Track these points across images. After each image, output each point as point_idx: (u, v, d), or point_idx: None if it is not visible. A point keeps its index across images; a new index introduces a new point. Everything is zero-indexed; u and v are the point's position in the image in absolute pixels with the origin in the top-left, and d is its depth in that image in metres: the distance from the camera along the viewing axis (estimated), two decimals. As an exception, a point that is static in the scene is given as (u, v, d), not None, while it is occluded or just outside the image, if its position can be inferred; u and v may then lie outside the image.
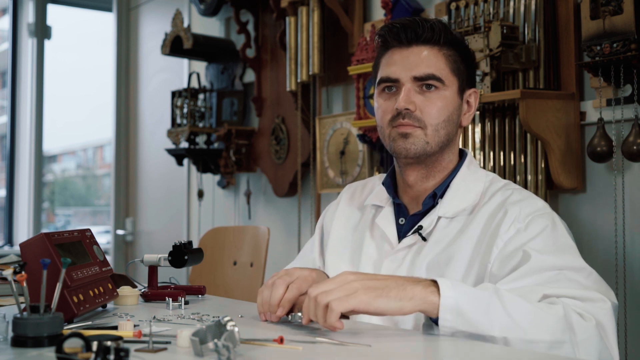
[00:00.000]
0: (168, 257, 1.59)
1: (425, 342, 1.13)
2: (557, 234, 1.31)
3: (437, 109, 1.39)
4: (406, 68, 1.40)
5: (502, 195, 1.38)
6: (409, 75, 1.39)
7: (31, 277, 1.13)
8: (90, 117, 7.26)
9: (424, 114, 1.38)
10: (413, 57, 1.40)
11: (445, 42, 1.41)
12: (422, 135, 1.39)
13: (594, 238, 2.07)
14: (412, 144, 1.39)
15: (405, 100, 1.38)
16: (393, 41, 1.43)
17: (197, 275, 2.64)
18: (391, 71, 1.41)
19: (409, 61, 1.40)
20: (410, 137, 1.39)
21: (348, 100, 2.97)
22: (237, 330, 0.94)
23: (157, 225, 4.39)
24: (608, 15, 1.84)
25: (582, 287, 1.22)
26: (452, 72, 1.41)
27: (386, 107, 1.42)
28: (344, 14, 2.84)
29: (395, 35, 1.42)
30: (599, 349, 1.16)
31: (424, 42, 1.40)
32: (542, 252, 1.26)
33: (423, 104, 1.39)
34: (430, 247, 1.37)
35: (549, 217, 1.33)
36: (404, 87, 1.39)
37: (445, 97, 1.40)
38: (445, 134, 1.41)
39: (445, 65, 1.40)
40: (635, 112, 1.89)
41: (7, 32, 4.83)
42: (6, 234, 4.76)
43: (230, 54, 3.61)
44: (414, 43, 1.41)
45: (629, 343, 1.93)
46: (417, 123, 1.38)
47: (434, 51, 1.40)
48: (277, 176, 3.29)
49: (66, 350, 0.91)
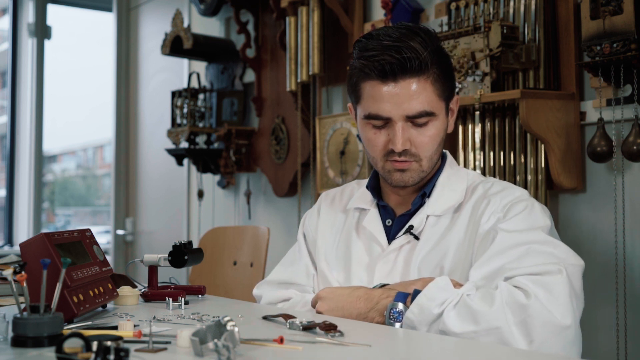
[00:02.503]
0: (168, 257, 1.59)
1: (425, 342, 1.13)
2: (531, 217, 1.34)
3: (430, 140, 1.38)
4: (397, 106, 1.34)
5: (482, 188, 1.42)
6: (402, 114, 1.35)
7: (31, 277, 1.13)
8: (90, 117, 7.27)
9: (418, 148, 1.38)
10: (403, 94, 1.34)
11: (431, 65, 1.35)
12: (417, 168, 1.40)
13: (593, 238, 2.07)
14: (410, 177, 1.40)
15: (402, 143, 1.36)
16: (375, 75, 1.35)
17: (197, 275, 2.64)
18: (381, 109, 1.36)
19: (399, 98, 1.34)
20: (407, 171, 1.40)
21: (348, 100, 2.96)
22: (237, 330, 0.94)
23: (157, 225, 4.39)
24: (608, 15, 1.84)
25: (547, 260, 1.25)
26: (439, 97, 1.38)
27: (377, 141, 1.39)
28: (344, 14, 2.84)
29: (379, 71, 1.34)
30: (542, 322, 1.18)
31: (410, 75, 1.33)
32: (511, 231, 1.30)
33: (417, 139, 1.37)
34: (422, 246, 1.39)
35: (526, 203, 1.36)
36: (396, 125, 1.36)
37: (436, 126, 1.39)
38: (438, 156, 1.44)
39: (433, 93, 1.36)
40: (635, 112, 1.89)
41: (7, 32, 4.83)
42: (6, 234, 4.76)
43: (230, 54, 3.61)
44: (399, 77, 1.33)
45: (629, 343, 1.93)
46: (412, 158, 1.39)
47: (421, 82, 1.34)
48: (277, 176, 3.29)
49: (66, 350, 0.91)
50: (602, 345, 2.04)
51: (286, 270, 1.58)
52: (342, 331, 1.11)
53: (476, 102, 2.08)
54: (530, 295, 1.19)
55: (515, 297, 1.19)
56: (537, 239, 1.29)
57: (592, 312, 2.07)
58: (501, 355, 1.03)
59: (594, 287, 2.07)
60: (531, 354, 1.07)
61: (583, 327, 1.16)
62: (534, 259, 1.26)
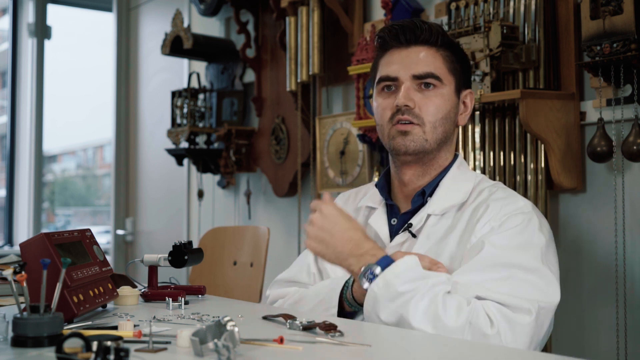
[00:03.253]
0: (168, 257, 1.59)
1: (425, 342, 1.13)
2: (526, 232, 1.32)
3: (435, 106, 1.42)
4: (405, 67, 1.43)
5: (488, 192, 1.41)
6: (408, 73, 1.43)
7: (31, 277, 1.13)
8: (90, 117, 7.26)
9: (422, 111, 1.42)
10: (412, 57, 1.44)
11: (443, 44, 1.46)
12: (420, 133, 1.42)
13: (594, 238, 2.07)
14: (412, 141, 1.41)
15: (404, 97, 1.41)
16: (392, 42, 1.47)
17: (197, 275, 2.64)
18: (390, 70, 1.45)
19: (408, 60, 1.44)
20: (409, 134, 1.41)
21: (348, 100, 2.97)
22: (237, 330, 0.94)
23: (157, 225, 4.39)
24: (608, 15, 1.84)
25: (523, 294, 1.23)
26: (450, 71, 1.45)
27: (385, 105, 1.45)
28: (344, 14, 2.84)
29: (394, 36, 1.46)
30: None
31: (422, 43, 1.45)
32: (500, 247, 1.28)
33: (422, 102, 1.42)
34: (421, 244, 1.40)
35: (524, 217, 1.34)
36: (403, 85, 1.43)
37: (443, 95, 1.43)
38: (443, 132, 1.44)
39: (443, 64, 1.45)
40: (635, 112, 1.89)
41: (7, 32, 4.83)
42: (6, 234, 4.76)
43: (230, 54, 3.61)
44: (412, 43, 1.45)
45: (629, 343, 1.93)
46: (415, 120, 1.41)
47: (431, 51, 1.45)
48: (277, 176, 3.29)
49: (66, 350, 0.91)
50: (602, 345, 2.04)
51: (292, 270, 1.61)
52: (342, 331, 1.11)
53: (476, 102, 2.08)
54: (495, 326, 1.19)
55: (481, 323, 1.19)
56: (523, 263, 1.26)
57: (592, 312, 2.07)
58: (501, 356, 1.03)
59: (594, 287, 2.07)
60: (531, 354, 1.07)
61: (583, 327, 1.16)
62: (512, 287, 1.24)
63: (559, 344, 2.13)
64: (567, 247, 2.13)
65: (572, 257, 2.12)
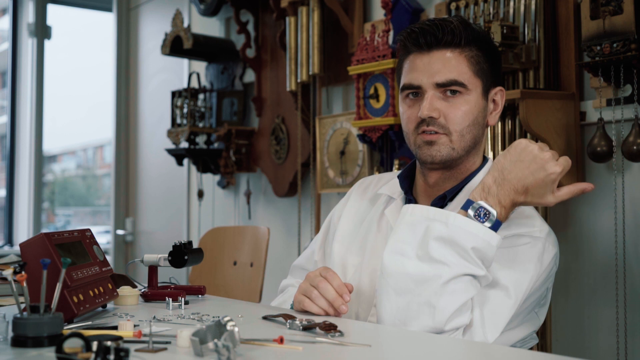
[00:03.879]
0: (168, 257, 1.59)
1: (425, 342, 1.13)
2: (521, 256, 1.30)
3: (461, 114, 1.37)
4: (428, 74, 1.37)
5: None
6: (431, 82, 1.37)
7: (31, 277, 1.13)
8: (90, 117, 7.26)
9: (448, 120, 1.37)
10: (434, 63, 1.38)
11: (467, 43, 1.38)
12: (447, 142, 1.38)
13: (594, 238, 2.07)
14: (438, 151, 1.38)
15: (428, 108, 1.36)
16: (412, 46, 1.41)
17: (197, 275, 2.64)
18: (413, 78, 1.39)
19: (431, 67, 1.38)
20: (436, 144, 1.38)
21: (348, 100, 2.97)
22: (237, 330, 0.94)
23: (157, 225, 4.39)
24: (608, 15, 1.84)
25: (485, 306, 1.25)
26: (475, 74, 1.39)
27: (410, 114, 1.41)
28: (344, 14, 2.84)
29: (414, 40, 1.40)
30: None
31: (444, 46, 1.38)
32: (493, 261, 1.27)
33: (447, 110, 1.37)
34: None
35: (530, 241, 1.32)
36: (426, 94, 1.37)
37: (469, 101, 1.38)
38: (472, 138, 1.40)
39: (468, 68, 1.38)
40: (635, 112, 1.89)
41: (7, 32, 4.83)
42: (6, 234, 4.76)
43: (230, 54, 3.61)
44: (434, 47, 1.38)
45: (629, 343, 1.93)
46: (441, 130, 1.37)
47: (455, 54, 1.38)
48: (277, 176, 3.29)
49: (66, 350, 0.91)
50: (602, 345, 2.04)
51: (303, 256, 1.66)
52: (342, 331, 1.11)
53: (476, 102, 2.08)
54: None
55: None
56: (499, 279, 1.27)
57: (592, 312, 2.07)
58: (501, 356, 1.03)
59: (594, 287, 2.07)
60: (531, 354, 1.07)
61: (583, 327, 1.16)
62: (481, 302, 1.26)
63: (559, 344, 2.13)
64: (567, 247, 2.13)
65: (572, 257, 2.12)
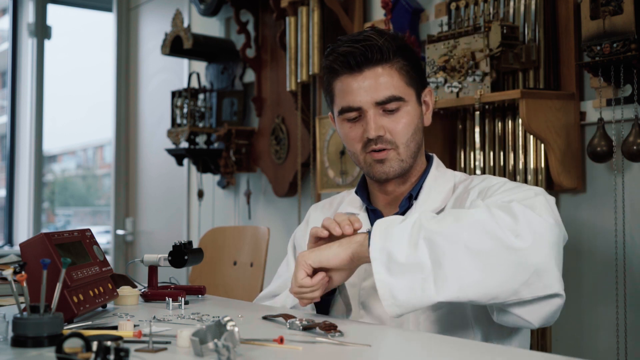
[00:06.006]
0: (168, 257, 1.59)
1: (425, 342, 1.13)
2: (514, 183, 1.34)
3: (403, 127, 1.41)
4: (365, 94, 1.39)
5: (463, 185, 1.44)
6: (371, 101, 1.39)
7: (31, 277, 1.13)
8: (90, 117, 7.26)
9: (393, 134, 1.41)
10: (369, 82, 1.39)
11: (394, 55, 1.41)
12: (395, 156, 1.42)
13: (594, 238, 2.07)
14: (390, 167, 1.42)
15: (375, 128, 1.39)
16: (342, 68, 1.41)
17: (197, 275, 2.64)
18: (351, 100, 1.41)
19: (366, 87, 1.39)
20: (387, 161, 1.42)
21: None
22: (237, 330, 0.94)
23: (157, 225, 4.39)
24: (608, 15, 1.84)
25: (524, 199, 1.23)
26: (408, 84, 1.42)
27: (354, 135, 1.43)
28: (344, 14, 2.84)
29: (344, 62, 1.40)
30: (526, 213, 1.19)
31: (375, 64, 1.39)
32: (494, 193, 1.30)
33: (390, 125, 1.41)
34: None
35: (508, 181, 1.36)
36: (368, 113, 1.40)
37: (409, 112, 1.42)
38: (415, 145, 1.44)
39: (400, 80, 1.41)
40: (635, 112, 1.89)
41: (7, 32, 4.83)
42: (6, 234, 4.76)
43: (230, 54, 3.61)
44: (365, 67, 1.39)
45: (629, 343, 1.93)
46: (389, 145, 1.41)
47: (386, 70, 1.40)
48: (277, 176, 3.29)
49: (66, 350, 0.91)
50: (602, 345, 2.04)
51: (274, 283, 1.64)
52: (342, 331, 1.11)
53: (476, 102, 2.08)
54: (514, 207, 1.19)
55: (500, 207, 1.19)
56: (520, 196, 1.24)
57: (592, 311, 2.07)
58: (501, 356, 1.03)
59: (594, 287, 2.07)
60: (531, 354, 1.07)
61: (583, 326, 1.16)
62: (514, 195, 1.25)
63: (559, 344, 2.13)
64: (567, 247, 2.13)
65: (572, 257, 2.12)
